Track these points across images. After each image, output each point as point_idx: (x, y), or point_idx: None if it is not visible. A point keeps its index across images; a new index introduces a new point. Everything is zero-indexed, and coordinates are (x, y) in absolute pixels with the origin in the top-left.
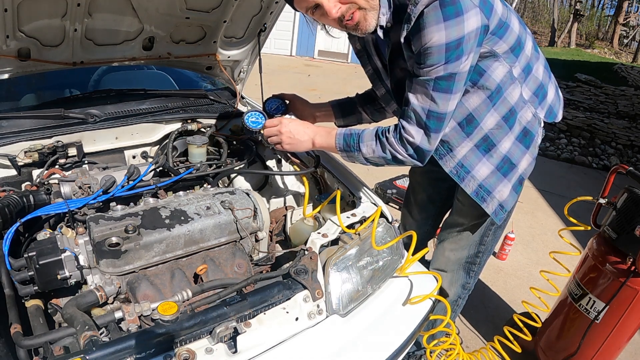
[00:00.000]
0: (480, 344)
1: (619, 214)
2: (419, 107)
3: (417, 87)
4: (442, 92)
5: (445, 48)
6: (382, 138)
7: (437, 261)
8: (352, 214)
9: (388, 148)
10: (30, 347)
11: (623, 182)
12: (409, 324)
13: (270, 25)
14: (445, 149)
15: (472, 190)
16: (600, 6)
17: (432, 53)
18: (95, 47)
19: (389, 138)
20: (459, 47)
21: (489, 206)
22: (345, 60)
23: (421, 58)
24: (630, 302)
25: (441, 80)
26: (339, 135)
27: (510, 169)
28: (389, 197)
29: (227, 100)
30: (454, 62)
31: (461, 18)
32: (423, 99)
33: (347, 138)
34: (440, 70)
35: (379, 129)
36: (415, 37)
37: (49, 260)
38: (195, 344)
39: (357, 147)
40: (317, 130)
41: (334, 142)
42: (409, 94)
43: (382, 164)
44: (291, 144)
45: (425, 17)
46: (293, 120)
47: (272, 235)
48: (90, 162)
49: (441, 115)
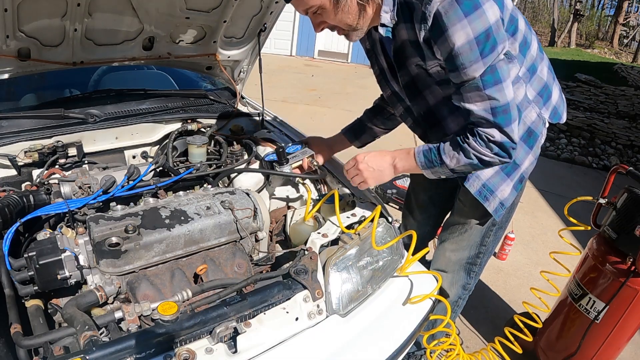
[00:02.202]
0: (480, 344)
1: (619, 214)
2: (481, 111)
3: (469, 94)
4: (494, 86)
5: (475, 43)
6: (464, 145)
7: (437, 262)
8: (352, 214)
9: (472, 153)
10: (30, 347)
11: (623, 182)
12: (409, 324)
13: (270, 25)
14: None
15: (475, 189)
16: (600, 6)
17: (464, 52)
18: (95, 47)
19: (471, 143)
20: (489, 38)
21: (491, 205)
22: (345, 60)
23: (455, 61)
24: (630, 302)
25: (485, 75)
26: (418, 154)
27: (513, 168)
28: (389, 197)
29: (227, 100)
30: (491, 54)
31: (481, 10)
32: (481, 101)
33: (426, 154)
34: (480, 66)
35: (456, 137)
36: (439, 40)
37: (49, 260)
38: (195, 344)
39: (440, 161)
40: (394, 154)
41: (414, 162)
42: (465, 105)
43: (470, 170)
44: (374, 177)
45: (445, 17)
46: (367, 154)
47: (272, 235)
48: (90, 162)
49: (505, 106)
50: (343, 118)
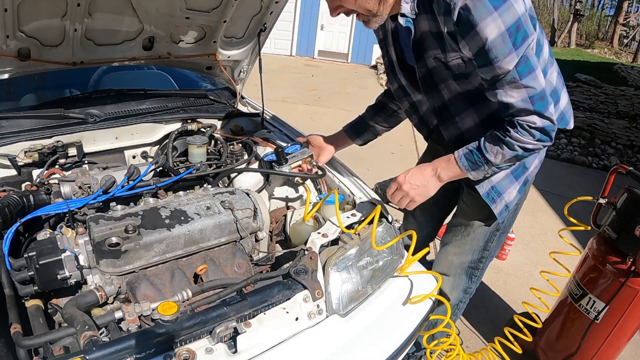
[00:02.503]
0: (480, 344)
1: (619, 214)
2: (520, 102)
3: (505, 87)
4: (528, 75)
5: (507, 35)
6: (506, 138)
7: (439, 265)
8: (352, 214)
9: (516, 144)
10: (30, 347)
11: (623, 182)
12: (409, 324)
13: (270, 25)
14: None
15: (484, 191)
16: (600, 6)
17: (497, 45)
18: (95, 47)
19: (513, 135)
20: (519, 29)
21: (497, 207)
22: (345, 60)
23: (489, 55)
24: (630, 302)
25: (519, 66)
26: (460, 159)
27: (522, 172)
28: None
29: (227, 100)
30: (522, 45)
31: (509, 2)
32: (518, 92)
33: (468, 157)
34: (514, 57)
35: (495, 132)
36: (469, 35)
37: (49, 260)
38: (195, 344)
39: (484, 160)
40: (434, 166)
41: (457, 167)
42: (503, 99)
43: (515, 162)
44: (421, 193)
45: (474, 11)
46: (407, 174)
47: (272, 235)
48: (90, 162)
49: (542, 93)
50: (343, 118)
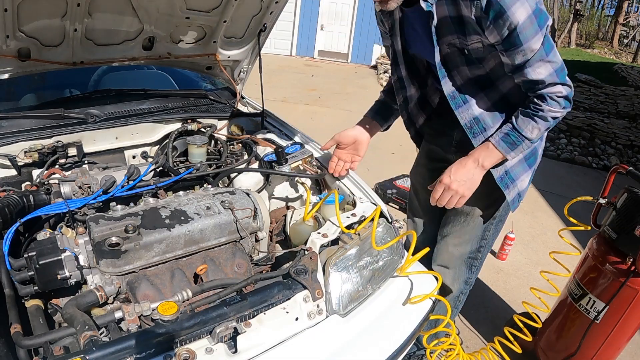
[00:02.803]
0: (480, 344)
1: (619, 214)
2: (548, 77)
3: (534, 65)
4: (551, 51)
5: (534, 17)
6: (539, 113)
7: (440, 257)
8: (352, 214)
9: (549, 115)
10: (30, 347)
11: (623, 182)
12: (409, 324)
13: (270, 25)
14: (480, 128)
15: (498, 175)
16: (600, 6)
17: (527, 27)
18: (95, 47)
19: (545, 108)
20: (541, 10)
21: (510, 193)
22: (345, 60)
23: (520, 37)
24: (630, 302)
25: (545, 44)
26: (498, 144)
27: (534, 160)
28: (389, 197)
29: (227, 100)
30: (545, 24)
31: None
32: (545, 68)
33: (506, 139)
34: (540, 37)
35: (524, 110)
36: (499, 21)
37: (49, 260)
38: (195, 344)
39: (522, 138)
40: (474, 157)
41: (498, 152)
42: (533, 77)
43: (544, 134)
44: (469, 187)
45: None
46: (450, 172)
47: (272, 235)
48: (90, 162)
49: (562, 65)
50: (343, 118)
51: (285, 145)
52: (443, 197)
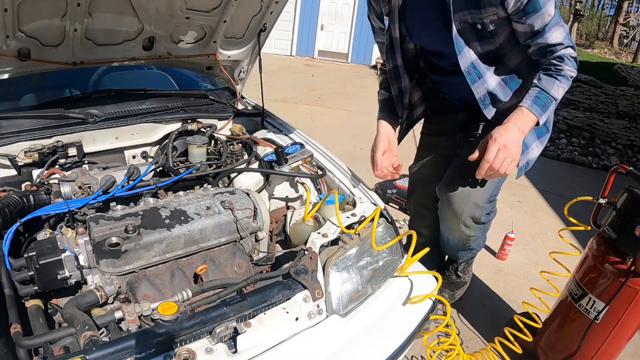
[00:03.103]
0: (480, 344)
1: (619, 214)
2: (563, 39)
3: (553, 29)
4: (560, 18)
5: None
6: (562, 72)
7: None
8: (352, 214)
9: (568, 75)
10: (30, 347)
11: (623, 182)
12: (409, 324)
13: (270, 25)
14: (490, 100)
15: None
16: (600, 6)
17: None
18: (95, 47)
19: (564, 67)
20: None
21: (522, 160)
22: (345, 60)
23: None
24: (630, 302)
25: (556, 9)
26: (532, 107)
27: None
28: (389, 197)
29: (227, 100)
30: None
31: None
32: (560, 32)
33: (537, 102)
34: (552, 3)
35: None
36: None
37: (49, 260)
38: (195, 344)
39: (551, 98)
40: (514, 122)
41: (533, 116)
42: (552, 41)
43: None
44: (517, 151)
45: None
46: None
47: (272, 235)
48: (90, 162)
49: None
50: (343, 118)
51: (285, 145)
52: (498, 158)
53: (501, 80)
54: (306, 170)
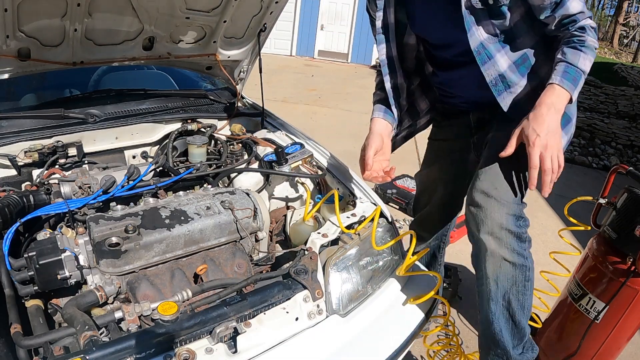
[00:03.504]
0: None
1: (619, 214)
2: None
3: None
4: None
5: None
6: (586, 43)
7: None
8: (352, 214)
9: (592, 44)
10: (30, 347)
11: (623, 182)
12: (409, 324)
13: (270, 25)
14: (505, 85)
15: None
16: (600, 6)
17: None
18: (95, 47)
19: (587, 38)
20: None
21: None
22: (345, 60)
23: None
24: (630, 302)
25: None
26: (562, 82)
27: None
28: (389, 197)
29: (227, 100)
30: None
31: None
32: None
33: (567, 77)
34: None
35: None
36: None
37: (49, 260)
38: (195, 344)
39: (579, 71)
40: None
41: (566, 92)
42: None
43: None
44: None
45: None
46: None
47: (272, 235)
48: (90, 162)
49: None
50: (343, 118)
51: (285, 145)
52: (546, 161)
53: (512, 64)
54: (306, 170)
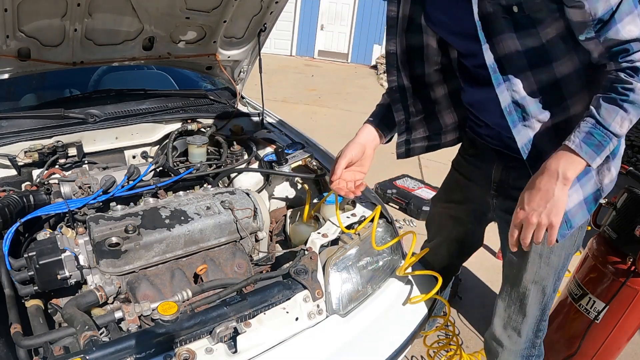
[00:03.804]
0: (480, 344)
1: (619, 214)
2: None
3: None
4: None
5: None
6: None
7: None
8: (352, 214)
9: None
10: (30, 347)
11: (623, 182)
12: (409, 324)
13: (270, 25)
14: (519, 115)
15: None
16: None
17: None
18: (95, 47)
19: (636, 87)
20: None
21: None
22: (345, 60)
23: None
24: (630, 302)
25: None
26: (580, 148)
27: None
28: (389, 197)
29: (227, 100)
30: None
31: None
32: (635, 22)
33: (588, 141)
34: None
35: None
36: None
37: (49, 260)
38: (195, 344)
39: (610, 135)
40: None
41: (581, 159)
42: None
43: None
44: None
45: None
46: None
47: (272, 235)
48: (90, 162)
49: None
50: (343, 118)
51: (285, 145)
52: (525, 236)
53: (537, 91)
54: (306, 170)
